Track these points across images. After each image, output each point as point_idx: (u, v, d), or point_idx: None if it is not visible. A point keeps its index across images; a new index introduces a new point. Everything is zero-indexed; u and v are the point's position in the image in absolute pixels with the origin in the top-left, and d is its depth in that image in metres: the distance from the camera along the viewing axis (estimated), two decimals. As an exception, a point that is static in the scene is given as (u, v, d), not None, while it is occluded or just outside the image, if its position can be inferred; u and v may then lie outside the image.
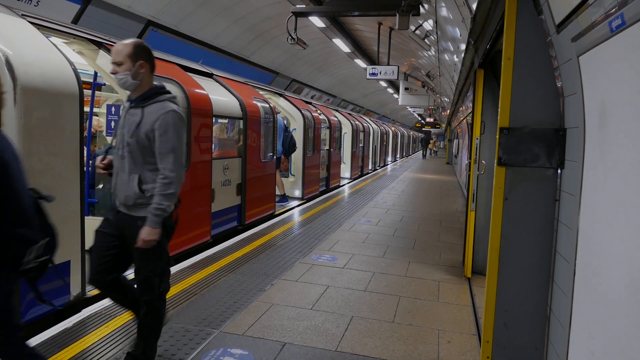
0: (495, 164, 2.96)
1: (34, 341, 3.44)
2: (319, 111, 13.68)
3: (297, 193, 11.79)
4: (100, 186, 6.36)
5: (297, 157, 11.75)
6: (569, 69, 2.41)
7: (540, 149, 2.80)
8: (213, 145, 7.06)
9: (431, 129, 49.86)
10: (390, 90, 27.50)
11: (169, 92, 3.09)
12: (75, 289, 4.34)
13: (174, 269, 5.27)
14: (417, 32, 12.33)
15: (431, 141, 43.53)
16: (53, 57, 4.16)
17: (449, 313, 4.35)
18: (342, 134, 16.59)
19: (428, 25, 11.17)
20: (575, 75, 2.28)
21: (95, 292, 4.67)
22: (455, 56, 8.98)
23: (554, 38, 2.51)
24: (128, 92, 3.06)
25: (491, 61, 5.05)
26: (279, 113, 11.42)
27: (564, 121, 2.67)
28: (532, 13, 2.77)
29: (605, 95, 1.95)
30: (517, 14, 2.82)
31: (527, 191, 2.89)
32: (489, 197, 4.93)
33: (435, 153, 45.02)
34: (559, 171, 2.76)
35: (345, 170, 17.41)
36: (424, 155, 36.64)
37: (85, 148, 4.58)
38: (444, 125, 39.13)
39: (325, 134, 14.15)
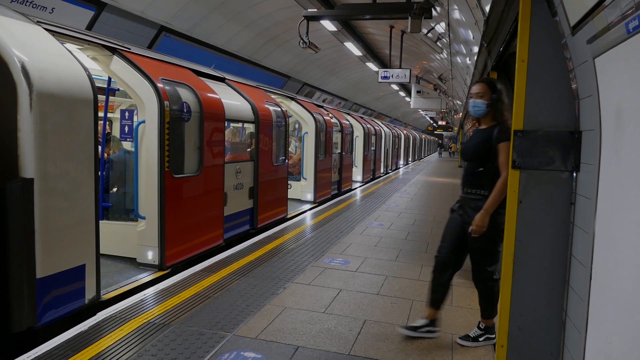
0: (509, 167, 2.94)
1: (49, 344, 3.48)
2: (330, 115, 13.69)
3: (309, 196, 11.80)
4: (114, 190, 6.42)
5: (309, 160, 11.76)
6: (584, 71, 2.39)
7: (555, 152, 2.77)
8: (225, 149, 7.09)
9: (443, 132, 50.44)
10: (402, 94, 27.43)
11: None
12: (90, 293, 4.37)
13: (186, 273, 5.30)
14: (429, 35, 12.29)
15: (452, 145, 55.33)
16: (68, 63, 4.20)
17: (462, 317, 4.32)
18: (354, 138, 16.58)
19: (440, 28, 11.14)
20: (590, 77, 2.26)
21: (110, 295, 4.71)
22: (467, 59, 8.94)
23: (569, 40, 2.49)
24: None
25: (504, 63, 5.02)
26: (291, 117, 11.45)
27: (580, 124, 2.65)
28: (546, 15, 2.75)
29: (621, 98, 1.93)
30: (532, 15, 2.80)
31: (541, 194, 2.87)
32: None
33: (453, 154, 52.30)
34: (574, 174, 2.73)
35: (357, 174, 17.38)
36: (440, 154, 51.47)
37: (99, 152, 4.61)
38: (456, 129, 38.98)
39: (337, 137, 14.15)
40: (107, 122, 6.90)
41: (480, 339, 3.75)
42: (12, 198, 3.63)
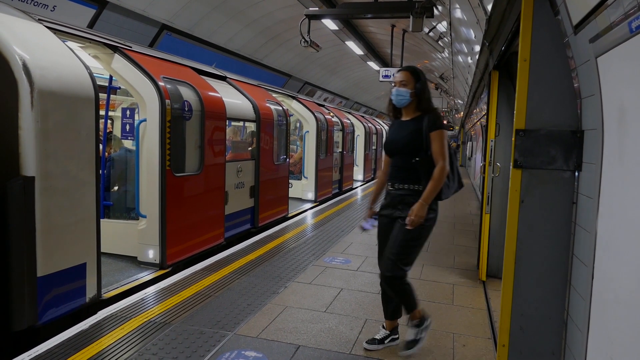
0: (510, 167, 2.93)
1: (50, 343, 3.48)
2: (331, 114, 13.68)
3: (310, 195, 11.79)
4: (115, 188, 6.42)
5: (310, 159, 11.76)
6: (586, 70, 2.38)
7: (557, 151, 2.76)
8: (227, 147, 7.09)
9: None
10: (404, 93, 27.36)
11: None
12: (91, 291, 4.37)
13: (187, 272, 5.29)
14: (431, 34, 12.27)
15: (453, 143, 51.11)
16: (69, 61, 4.20)
17: (463, 316, 4.32)
18: (355, 137, 16.57)
19: (442, 27, 11.12)
20: (593, 77, 2.25)
21: (111, 294, 4.71)
22: (469, 58, 8.93)
23: (572, 39, 2.48)
24: None
25: (506, 63, 5.01)
26: (292, 116, 11.44)
27: (582, 123, 2.64)
28: (548, 14, 2.74)
29: (624, 97, 1.93)
30: (534, 14, 2.79)
31: (543, 194, 2.86)
32: (503, 200, 4.89)
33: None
34: (576, 174, 2.72)
35: (358, 173, 17.38)
36: None
37: (100, 151, 4.62)
38: (457, 128, 38.94)
39: (338, 136, 14.14)
40: (109, 121, 6.90)
41: (386, 341, 3.63)
42: (13, 196, 3.63)
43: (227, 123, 7.00)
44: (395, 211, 3.42)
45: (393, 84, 3.49)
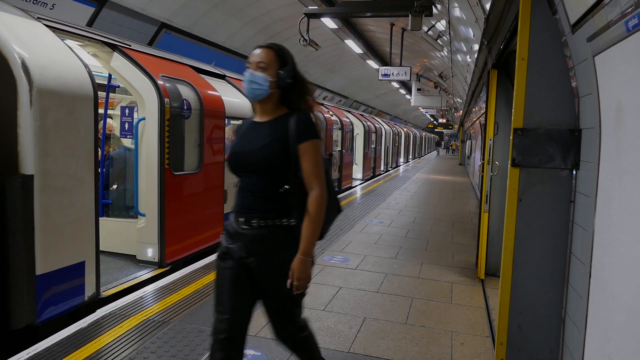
0: (509, 165, 2.94)
1: (49, 341, 3.48)
2: (331, 112, 13.68)
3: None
4: (114, 187, 6.42)
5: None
6: (584, 69, 2.39)
7: (555, 149, 2.77)
8: (226, 146, 7.09)
9: (444, 130, 50.59)
10: (403, 91, 27.41)
11: None
12: (89, 290, 4.37)
13: (186, 270, 5.30)
14: (430, 32, 12.27)
15: (453, 142, 53.26)
16: (68, 60, 4.20)
17: (462, 315, 4.33)
18: (354, 135, 16.57)
19: (441, 25, 11.12)
20: (590, 76, 2.26)
21: (110, 292, 4.72)
22: (468, 57, 8.93)
23: (569, 38, 2.49)
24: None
25: (505, 61, 5.01)
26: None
27: (579, 122, 2.65)
28: (546, 13, 2.75)
29: (621, 96, 1.93)
30: (532, 13, 2.79)
31: (541, 192, 2.87)
32: (502, 199, 4.90)
33: (453, 152, 52.37)
34: (574, 172, 2.73)
35: (357, 172, 17.38)
36: (437, 152, 49.59)
37: (99, 149, 4.62)
38: (456, 126, 38.98)
39: (337, 135, 14.14)
40: (111, 120, 6.90)
41: None
42: (12, 194, 3.63)
43: (226, 122, 7.01)
44: (249, 257, 2.32)
45: (247, 66, 2.39)
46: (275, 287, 2.35)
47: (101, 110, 5.71)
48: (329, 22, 10.98)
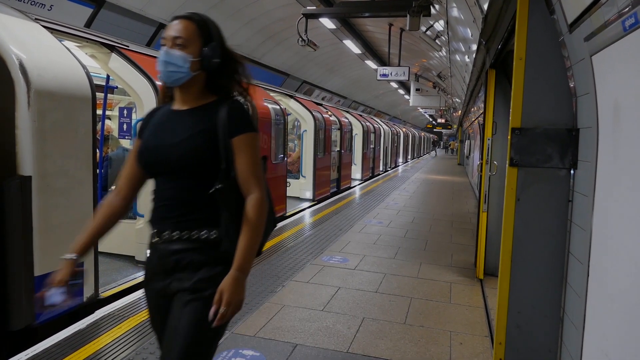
0: (507, 165, 2.94)
1: (47, 342, 3.48)
2: (329, 112, 13.68)
3: (308, 194, 11.80)
4: (113, 188, 6.41)
5: (308, 158, 11.76)
6: (581, 69, 2.39)
7: (552, 149, 2.78)
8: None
9: (442, 130, 50.72)
10: (401, 92, 27.42)
11: None
12: (88, 291, 4.37)
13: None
14: (428, 32, 12.29)
15: (452, 142, 53.36)
16: (66, 61, 4.20)
17: (461, 315, 4.33)
18: (353, 136, 16.57)
19: (439, 25, 11.12)
20: (588, 75, 2.26)
21: (109, 293, 4.71)
22: (466, 57, 8.93)
23: (567, 37, 2.49)
24: None
25: (503, 61, 5.02)
26: (290, 115, 11.44)
27: (577, 121, 2.65)
28: (544, 12, 2.75)
29: (618, 95, 1.94)
30: (529, 13, 2.80)
31: (539, 192, 2.87)
32: (501, 198, 4.89)
33: (452, 152, 52.03)
34: (571, 172, 2.73)
35: (356, 172, 17.38)
36: (435, 152, 49.85)
37: (97, 150, 4.61)
38: (455, 126, 39.00)
39: (336, 135, 14.15)
40: (110, 122, 6.90)
41: None
42: (10, 196, 3.63)
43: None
44: (172, 281, 1.86)
45: (162, 42, 1.92)
46: (187, 320, 1.78)
47: (99, 111, 5.70)
48: (327, 23, 10.99)
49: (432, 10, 8.41)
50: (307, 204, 11.24)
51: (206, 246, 1.85)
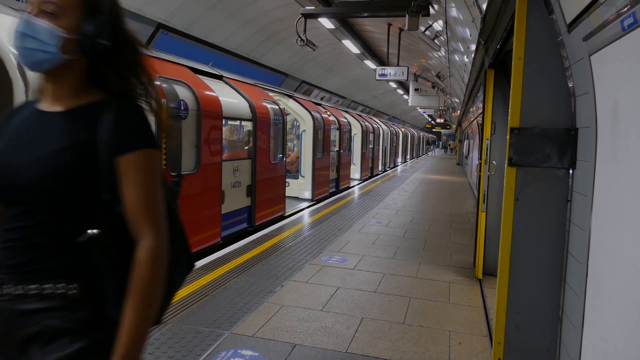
0: (505, 165, 2.94)
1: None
2: (328, 112, 13.68)
3: (307, 194, 11.80)
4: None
5: (306, 158, 11.76)
6: (580, 69, 2.39)
7: (551, 149, 2.78)
8: (223, 147, 7.09)
9: (441, 130, 50.86)
10: (400, 91, 27.45)
11: None
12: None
13: (184, 271, 5.29)
14: (427, 32, 12.30)
15: (451, 142, 53.16)
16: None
17: (460, 314, 4.33)
18: (352, 135, 16.58)
19: (438, 25, 11.13)
20: (586, 75, 2.26)
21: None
22: (465, 56, 8.94)
23: (565, 37, 2.49)
24: None
25: (501, 61, 5.02)
26: (289, 115, 11.44)
27: (576, 121, 2.65)
28: (542, 12, 2.75)
29: (617, 95, 1.94)
30: (528, 13, 2.80)
31: (538, 192, 2.87)
32: (499, 198, 4.89)
33: (451, 151, 51.80)
34: (570, 171, 2.73)
35: (355, 172, 17.39)
36: (432, 151, 51.10)
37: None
38: (454, 126, 39.03)
39: (335, 135, 14.15)
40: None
41: None
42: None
43: (223, 122, 7.00)
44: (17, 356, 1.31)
45: (27, 7, 1.32)
46: None
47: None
48: (326, 23, 11.00)
49: (431, 10, 8.42)
50: (305, 204, 11.24)
51: (64, 306, 1.28)
